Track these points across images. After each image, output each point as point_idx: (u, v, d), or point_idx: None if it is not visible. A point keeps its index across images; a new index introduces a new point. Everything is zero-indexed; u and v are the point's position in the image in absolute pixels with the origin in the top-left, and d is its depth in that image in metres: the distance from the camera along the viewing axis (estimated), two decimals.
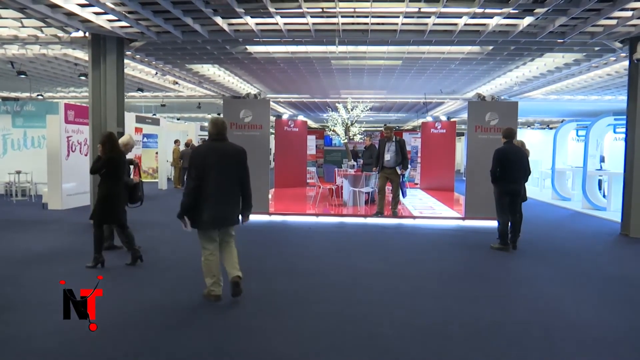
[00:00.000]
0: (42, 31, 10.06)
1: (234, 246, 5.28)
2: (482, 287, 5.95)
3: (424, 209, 12.40)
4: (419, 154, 19.16)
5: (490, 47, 11.25)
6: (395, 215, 10.68)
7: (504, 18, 8.89)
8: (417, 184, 18.72)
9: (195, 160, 4.97)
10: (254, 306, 5.06)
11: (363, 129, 19.29)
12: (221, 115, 13.27)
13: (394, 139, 10.68)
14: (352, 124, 16.55)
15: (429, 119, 18.95)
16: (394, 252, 7.90)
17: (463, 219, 10.72)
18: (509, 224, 8.07)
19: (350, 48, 11.72)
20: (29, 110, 13.28)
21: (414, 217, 11.02)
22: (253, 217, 10.40)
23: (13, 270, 6.32)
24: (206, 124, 26.08)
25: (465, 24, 9.29)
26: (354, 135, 16.72)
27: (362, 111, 16.41)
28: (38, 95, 20.28)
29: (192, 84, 17.51)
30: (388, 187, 11.18)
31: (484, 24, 9.44)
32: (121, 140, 6.96)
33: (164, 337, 4.22)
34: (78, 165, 12.14)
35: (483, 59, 12.61)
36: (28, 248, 7.41)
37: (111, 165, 6.39)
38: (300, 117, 19.71)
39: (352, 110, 16.51)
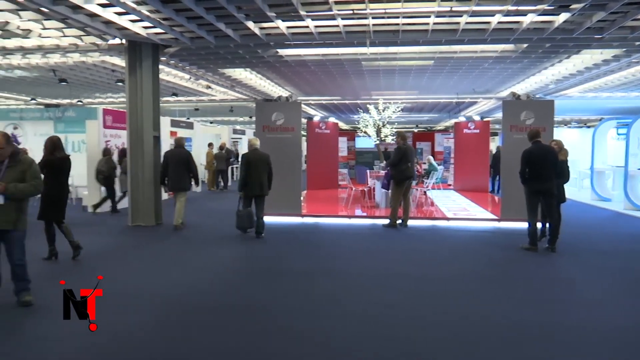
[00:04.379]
0: (81, 40, 10.41)
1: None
2: (521, 290, 5.83)
3: (458, 210, 12.23)
4: (452, 155, 18.89)
5: (525, 45, 11.01)
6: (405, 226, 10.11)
7: (539, 15, 8.70)
8: (450, 185, 18.47)
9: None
10: (288, 306, 5.10)
11: (395, 130, 19.16)
12: (253, 118, 13.35)
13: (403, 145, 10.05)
14: (383, 125, 16.48)
15: (461, 119, 18.68)
16: (427, 253, 7.83)
17: (499, 220, 10.53)
18: (544, 225, 7.90)
19: (381, 49, 11.69)
20: (69, 116, 13.70)
21: (448, 219, 10.88)
22: (286, 219, 10.66)
23: (61, 269, 6.55)
24: (238, 127, 26.40)
25: (498, 22, 9.14)
26: (386, 136, 16.64)
27: (393, 112, 16.31)
28: (78, 101, 20.98)
29: (225, 88, 17.79)
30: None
31: (517, 22, 9.26)
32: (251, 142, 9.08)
33: (201, 335, 4.30)
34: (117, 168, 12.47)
35: (517, 57, 12.36)
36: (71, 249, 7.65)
37: (50, 167, 6.76)
38: (332, 119, 19.74)
39: (383, 111, 16.43)
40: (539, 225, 8.14)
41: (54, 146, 6.91)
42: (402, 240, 8.85)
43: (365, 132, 17.13)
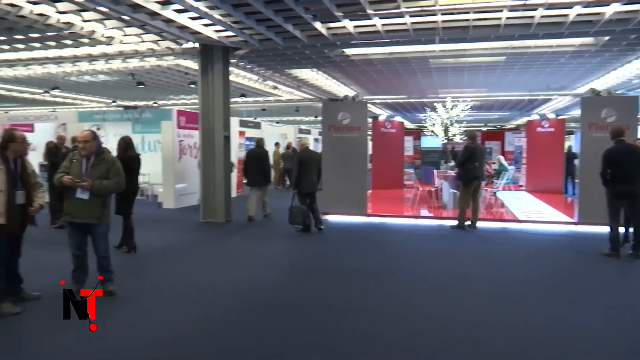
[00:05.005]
0: (158, 44, 10.95)
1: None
2: (603, 298, 5.50)
3: (531, 212, 11.70)
4: (524, 155, 18.09)
5: (606, 38, 10.36)
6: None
7: (623, 4, 8.14)
8: (521, 185, 17.70)
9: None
10: (355, 306, 5.11)
11: (463, 128, 18.63)
12: (318, 117, 13.47)
13: (472, 145, 9.82)
14: (451, 124, 16.07)
15: (534, 116, 17.85)
16: (498, 256, 7.56)
17: (575, 223, 9.97)
18: (627, 230, 7.40)
19: (450, 46, 11.41)
20: (146, 117, 14.46)
21: (520, 221, 10.44)
22: (350, 218, 10.67)
23: (140, 262, 6.93)
24: (304, 127, 26.71)
25: (577, 14, 8.65)
26: (454, 135, 16.22)
27: (462, 110, 15.87)
28: (153, 103, 22.09)
29: (291, 88, 18.07)
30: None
31: (599, 13, 8.71)
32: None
33: (266, 332, 4.40)
34: (189, 167, 13.03)
35: (597, 51, 11.65)
36: (148, 243, 8.07)
37: (122, 165, 6.92)
38: (397, 118, 19.53)
39: (451, 109, 16.03)
40: (621, 229, 7.62)
41: (126, 145, 7.44)
42: (471, 243, 8.60)
43: (432, 131, 16.79)
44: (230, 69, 11.75)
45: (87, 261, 5.35)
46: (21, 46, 11.24)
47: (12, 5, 8.29)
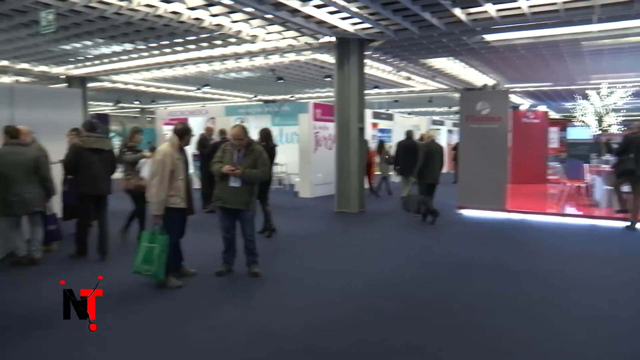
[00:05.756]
0: (297, 40, 11.44)
1: None
2: None
3: None
4: None
5: None
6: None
7: None
8: None
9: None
10: (491, 303, 4.88)
11: (621, 118, 16.51)
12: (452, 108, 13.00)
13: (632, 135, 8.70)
14: (606, 113, 14.44)
15: None
16: None
17: None
18: None
19: (608, 25, 10.21)
20: (284, 110, 15.22)
21: None
22: (487, 213, 10.16)
23: (279, 247, 7.35)
24: (437, 118, 26.00)
25: None
26: (609, 125, 14.56)
27: (620, 98, 14.15)
28: (290, 96, 23.16)
29: (425, 79, 17.69)
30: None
31: None
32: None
33: (396, 324, 4.39)
34: (324, 158, 13.45)
35: None
36: (287, 229, 8.52)
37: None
38: (541, 107, 18.08)
39: (607, 97, 14.38)
40: None
41: (266, 136, 7.95)
42: (629, 244, 7.68)
43: (582, 122, 15.24)
44: (365, 61, 11.85)
45: (236, 244, 5.81)
46: (180, 49, 12.53)
47: (174, 12, 9.25)
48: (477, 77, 17.56)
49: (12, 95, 8.23)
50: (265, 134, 8.03)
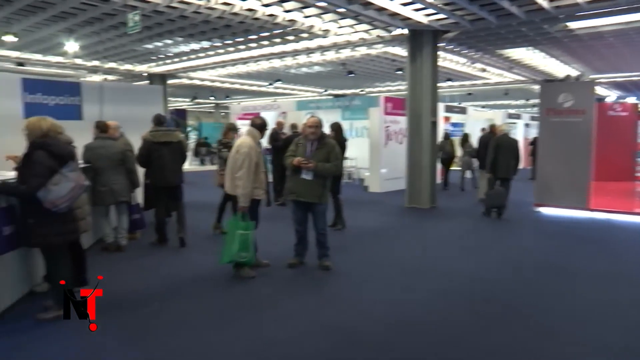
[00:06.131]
0: (369, 34, 11.36)
1: None
2: None
3: None
4: None
5: None
6: None
7: None
8: None
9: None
10: (578, 310, 4.61)
11: None
12: (529, 101, 12.36)
13: None
14: None
15: None
16: None
17: None
18: None
19: None
20: (355, 104, 15.19)
21: None
22: (569, 212, 9.61)
23: (349, 241, 7.36)
24: (513, 111, 24.89)
25: None
26: None
27: None
28: (360, 90, 23.08)
29: (501, 70, 16.99)
30: None
31: None
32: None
33: (474, 327, 4.25)
34: (394, 152, 13.30)
35: None
36: (356, 223, 8.51)
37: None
38: (629, 100, 16.81)
39: None
40: None
41: (338, 130, 7.99)
42: None
43: None
44: (438, 53, 11.55)
45: (307, 237, 5.88)
46: (253, 45, 12.84)
47: (249, 10, 9.49)
48: (559, 68, 16.60)
49: (101, 92, 8.81)
50: (336, 128, 8.07)
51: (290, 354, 3.66)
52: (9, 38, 10.71)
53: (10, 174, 4.42)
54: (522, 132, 23.15)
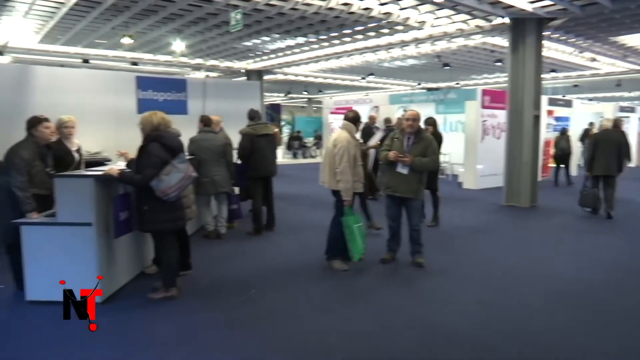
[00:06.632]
0: (467, 24, 10.93)
1: None
2: None
3: None
4: None
5: None
6: None
7: None
8: None
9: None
10: None
11: None
12: None
13: None
14: None
15: None
16: None
17: None
18: None
19: None
20: (450, 97, 14.69)
21: None
22: None
23: (444, 238, 7.17)
24: (625, 104, 22.86)
25: None
26: None
27: None
28: (455, 83, 22.34)
29: (613, 59, 15.60)
30: None
31: None
32: None
33: (576, 331, 3.95)
34: (491, 148, 12.72)
35: None
36: (451, 220, 8.27)
37: None
38: None
39: None
40: None
41: (434, 125, 7.80)
42: None
43: None
44: (542, 42, 10.85)
45: (401, 232, 5.81)
46: (347, 39, 12.89)
47: (345, 4, 9.54)
48: None
49: (204, 88, 9.32)
50: (432, 123, 7.90)
51: (383, 349, 3.65)
52: (127, 40, 11.66)
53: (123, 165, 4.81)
54: (636, 126, 21.10)
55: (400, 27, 11.37)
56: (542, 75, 10.61)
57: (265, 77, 19.34)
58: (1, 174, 4.58)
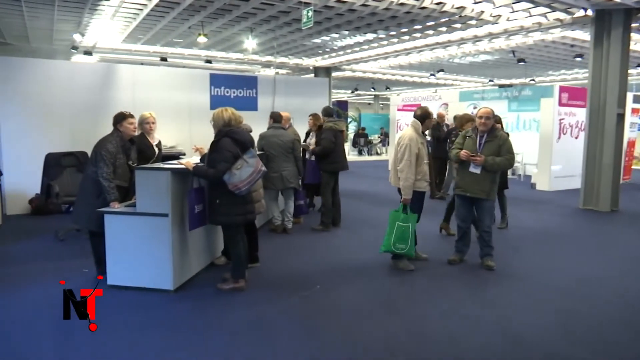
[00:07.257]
0: (546, 17, 10.41)
1: None
2: None
3: None
4: None
5: None
6: None
7: None
8: None
9: None
10: None
11: None
12: None
13: None
14: None
15: None
16: None
17: None
18: None
19: None
20: (524, 94, 14.06)
21: None
22: None
23: (515, 241, 6.90)
24: None
25: None
26: None
27: None
28: (530, 80, 21.35)
29: None
30: None
31: None
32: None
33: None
34: (568, 148, 12.07)
35: None
36: (523, 223, 7.94)
37: None
38: None
39: None
40: None
41: (500, 122, 7.40)
42: None
43: None
44: (630, 34, 10.12)
45: (470, 234, 5.64)
46: (418, 35, 12.67)
47: None
48: None
49: (274, 85, 9.51)
50: (498, 121, 7.56)
51: (448, 353, 3.57)
52: (202, 39, 12.11)
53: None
54: None
55: (473, 22, 11.03)
56: (630, 71, 9.92)
57: (333, 74, 19.43)
58: (89, 165, 4.93)
